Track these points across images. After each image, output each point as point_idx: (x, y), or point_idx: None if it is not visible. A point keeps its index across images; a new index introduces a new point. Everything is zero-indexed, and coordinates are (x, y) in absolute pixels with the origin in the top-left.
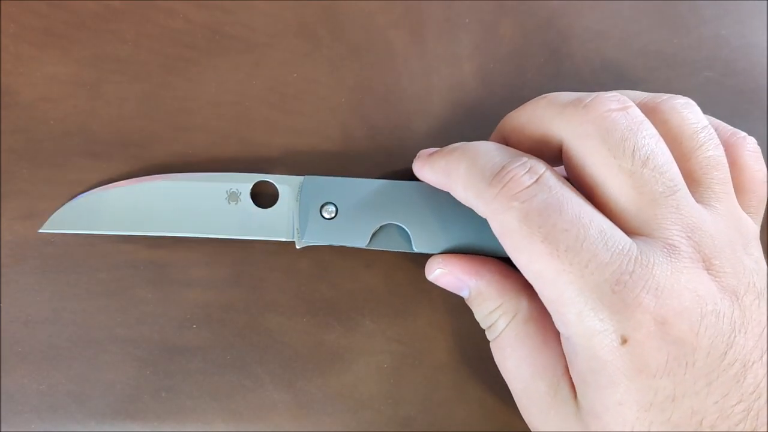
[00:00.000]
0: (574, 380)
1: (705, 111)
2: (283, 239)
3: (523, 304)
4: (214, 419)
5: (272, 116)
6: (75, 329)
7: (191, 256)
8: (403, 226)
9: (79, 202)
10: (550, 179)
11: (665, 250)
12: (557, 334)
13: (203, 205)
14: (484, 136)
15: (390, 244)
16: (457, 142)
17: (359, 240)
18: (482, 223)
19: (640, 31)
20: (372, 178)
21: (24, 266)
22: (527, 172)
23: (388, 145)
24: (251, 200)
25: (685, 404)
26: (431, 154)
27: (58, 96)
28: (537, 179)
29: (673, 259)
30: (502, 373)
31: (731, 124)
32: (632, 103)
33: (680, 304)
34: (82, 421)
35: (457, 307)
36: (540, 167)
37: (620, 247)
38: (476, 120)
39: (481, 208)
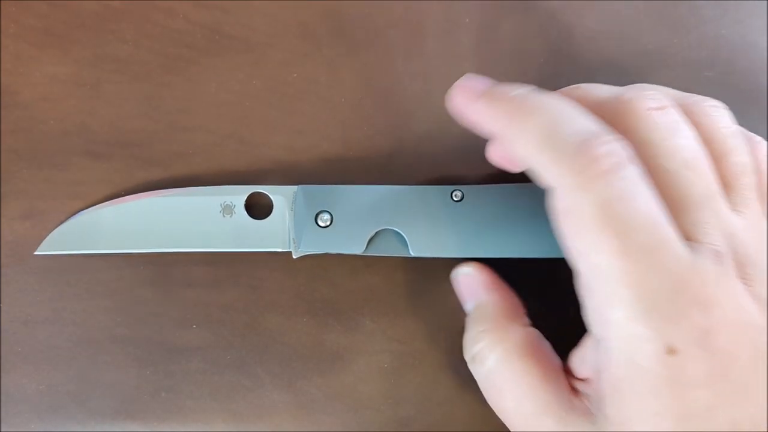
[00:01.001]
0: (601, 388)
1: None
2: (280, 249)
3: (518, 332)
4: (214, 419)
5: (272, 116)
6: (75, 329)
7: (191, 256)
8: (400, 231)
9: (72, 223)
10: (637, 168)
11: (713, 257)
12: (557, 364)
13: (198, 220)
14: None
15: (387, 249)
16: (457, 142)
17: (356, 247)
18: (478, 226)
19: (640, 31)
20: (372, 177)
21: (24, 266)
22: (618, 151)
23: (387, 145)
24: (246, 212)
25: (721, 416)
26: (489, 89)
27: (58, 96)
28: (626, 163)
29: (718, 267)
30: (496, 411)
31: None
32: (669, 103)
33: (724, 315)
34: (82, 421)
35: (457, 307)
36: (629, 149)
37: (680, 253)
38: None
39: (552, 178)
